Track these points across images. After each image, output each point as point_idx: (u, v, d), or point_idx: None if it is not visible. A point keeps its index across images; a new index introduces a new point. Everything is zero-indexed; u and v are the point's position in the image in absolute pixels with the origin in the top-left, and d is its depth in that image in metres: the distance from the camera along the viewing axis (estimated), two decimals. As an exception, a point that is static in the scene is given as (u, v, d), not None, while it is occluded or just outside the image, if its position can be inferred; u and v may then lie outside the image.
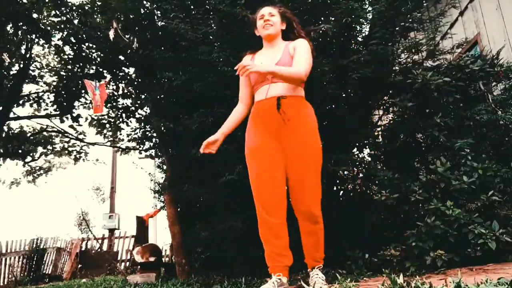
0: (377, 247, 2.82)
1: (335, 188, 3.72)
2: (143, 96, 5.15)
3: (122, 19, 4.41)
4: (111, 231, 11.20)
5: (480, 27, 5.19)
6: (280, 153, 2.16)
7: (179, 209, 4.24)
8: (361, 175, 3.62)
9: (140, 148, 5.92)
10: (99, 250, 10.15)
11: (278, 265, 2.08)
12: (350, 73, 3.19)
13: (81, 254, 9.83)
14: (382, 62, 3.30)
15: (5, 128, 8.17)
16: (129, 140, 6.79)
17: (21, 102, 8.32)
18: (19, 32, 6.86)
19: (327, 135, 3.43)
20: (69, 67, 6.85)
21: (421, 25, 3.66)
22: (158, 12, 4.23)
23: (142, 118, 5.55)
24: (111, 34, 4.15)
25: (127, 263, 9.93)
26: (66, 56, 6.83)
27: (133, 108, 6.06)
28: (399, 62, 3.72)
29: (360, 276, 2.51)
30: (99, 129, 7.79)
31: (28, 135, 8.80)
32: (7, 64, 6.34)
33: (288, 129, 2.14)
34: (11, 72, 7.42)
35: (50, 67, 8.10)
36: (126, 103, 6.22)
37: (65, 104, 7.82)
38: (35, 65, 7.93)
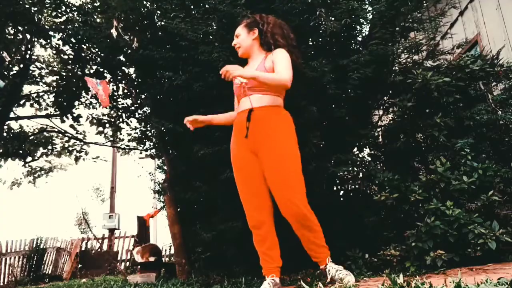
0: (377, 247, 2.82)
1: (335, 188, 3.71)
2: (143, 96, 5.15)
3: (122, 18, 4.41)
4: (111, 231, 11.20)
5: (480, 27, 5.19)
6: (255, 163, 2.23)
7: (179, 209, 4.24)
8: (361, 175, 3.62)
9: (140, 148, 5.93)
10: (99, 250, 10.16)
11: (269, 267, 2.20)
12: (350, 73, 3.18)
13: (81, 254, 9.83)
14: (382, 62, 3.30)
15: (5, 128, 8.16)
16: (129, 140, 6.80)
17: (21, 102, 8.33)
18: (19, 32, 6.86)
19: (327, 135, 3.44)
20: (69, 67, 6.85)
21: (421, 25, 3.66)
22: (158, 12, 4.23)
23: (142, 117, 5.55)
24: (114, 32, 4.15)
25: (127, 263, 9.93)
26: (66, 56, 6.83)
27: (133, 108, 6.06)
28: (399, 62, 3.72)
29: (360, 276, 2.51)
30: (100, 129, 7.80)
31: (28, 135, 8.80)
32: (7, 63, 6.33)
33: (258, 139, 2.20)
34: (11, 72, 7.42)
35: (50, 67, 8.10)
36: (126, 103, 6.22)
37: (65, 104, 7.81)
38: (35, 65, 7.93)
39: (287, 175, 2.14)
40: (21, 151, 8.77)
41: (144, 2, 4.35)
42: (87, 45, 5.86)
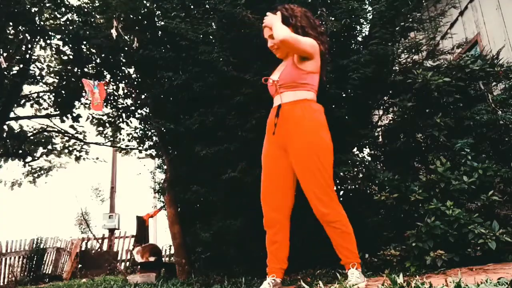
0: (377, 247, 2.82)
1: (335, 188, 3.72)
2: (143, 96, 5.16)
3: (122, 18, 4.41)
4: (111, 231, 11.19)
5: (480, 27, 5.19)
6: (283, 161, 2.21)
7: (179, 209, 4.25)
8: (361, 175, 3.62)
9: (140, 148, 5.92)
10: (99, 250, 10.15)
11: (272, 267, 2.20)
12: (350, 73, 3.19)
13: (81, 254, 9.83)
14: (382, 62, 3.30)
15: (5, 128, 8.16)
16: (129, 140, 6.79)
17: (21, 102, 8.32)
18: (19, 32, 6.86)
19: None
20: (69, 67, 6.85)
21: (421, 25, 3.66)
22: (158, 12, 4.23)
23: (142, 117, 5.55)
24: (114, 32, 4.16)
25: (127, 263, 9.93)
26: (66, 57, 6.83)
27: (133, 108, 6.06)
28: (399, 62, 3.72)
29: (360, 276, 2.51)
30: (100, 129, 7.79)
31: (28, 135, 8.79)
32: (5, 66, 6.32)
33: (284, 133, 2.19)
34: (11, 72, 7.42)
35: (50, 68, 8.10)
36: (126, 103, 6.22)
37: (65, 104, 7.81)
38: (35, 65, 7.92)
39: (312, 173, 2.12)
40: (21, 151, 8.76)
41: (144, 2, 4.35)
42: (87, 45, 5.86)
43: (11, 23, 6.57)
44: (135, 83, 5.26)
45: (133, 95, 5.59)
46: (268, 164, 2.28)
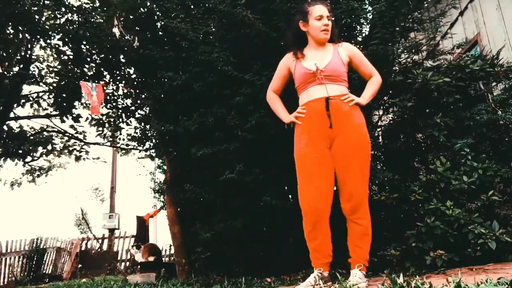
0: (377, 247, 2.82)
1: (335, 188, 3.71)
2: (143, 96, 5.16)
3: (122, 18, 4.41)
4: (111, 231, 11.19)
5: (480, 27, 5.19)
6: (328, 156, 2.22)
7: (179, 209, 4.25)
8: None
9: (140, 148, 5.93)
10: (99, 250, 10.15)
11: (317, 262, 2.22)
12: (350, 73, 3.18)
13: (81, 254, 9.83)
14: (382, 62, 3.30)
15: (5, 128, 8.16)
16: (129, 140, 6.80)
17: (21, 102, 8.32)
18: (19, 32, 6.86)
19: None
20: (69, 67, 6.85)
21: (421, 25, 3.65)
22: (158, 12, 4.23)
23: (142, 118, 5.55)
24: (116, 31, 4.16)
25: (127, 263, 9.93)
26: (66, 57, 6.83)
27: (133, 108, 6.06)
28: (399, 62, 3.72)
29: (360, 276, 2.51)
30: (99, 129, 7.79)
31: (28, 135, 8.79)
32: (2, 70, 6.32)
33: (335, 130, 2.19)
34: (11, 72, 7.42)
35: (50, 68, 8.10)
36: (126, 103, 6.22)
37: (65, 104, 7.81)
38: (35, 65, 7.93)
39: (355, 171, 2.18)
40: (21, 151, 8.77)
41: (144, 2, 4.35)
42: (87, 45, 5.86)
43: (11, 23, 6.57)
44: (135, 83, 5.26)
45: (133, 95, 5.60)
46: (315, 153, 2.21)
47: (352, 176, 2.18)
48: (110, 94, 5.95)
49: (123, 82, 5.65)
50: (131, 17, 4.41)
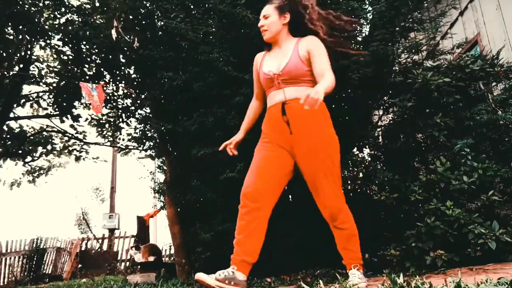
0: (377, 247, 2.82)
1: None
2: (143, 96, 5.16)
3: (122, 19, 4.41)
4: (111, 231, 11.19)
5: (480, 27, 5.19)
6: (283, 160, 2.12)
7: (179, 209, 4.24)
8: (361, 175, 3.62)
9: (140, 148, 5.93)
10: (99, 250, 10.15)
11: (234, 257, 2.06)
12: (350, 73, 3.19)
13: (81, 254, 9.82)
14: (382, 62, 3.30)
15: (5, 128, 8.16)
16: (129, 140, 6.79)
17: (21, 102, 8.33)
18: (19, 32, 6.86)
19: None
20: (69, 67, 6.85)
21: (421, 25, 3.66)
22: (158, 12, 4.23)
23: (142, 117, 5.55)
24: (114, 33, 4.16)
25: (127, 263, 9.93)
26: (66, 57, 6.83)
27: (133, 108, 6.06)
28: (399, 62, 3.72)
29: (360, 276, 2.51)
30: (99, 130, 7.79)
31: (28, 135, 8.79)
32: (3, 70, 6.34)
33: (296, 136, 2.09)
34: (11, 73, 7.42)
35: (50, 68, 8.10)
36: (126, 103, 6.22)
37: (64, 104, 7.81)
38: (35, 65, 7.93)
39: (322, 175, 2.04)
40: (21, 151, 8.77)
41: (144, 2, 4.35)
42: (87, 45, 5.86)
43: (11, 23, 6.57)
44: (135, 83, 5.26)
45: (133, 95, 5.60)
46: (268, 154, 2.13)
47: (321, 186, 2.06)
48: (110, 94, 5.94)
49: (123, 82, 5.64)
50: (131, 17, 4.41)
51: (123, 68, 5.43)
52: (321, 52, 2.12)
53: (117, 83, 5.82)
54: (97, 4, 5.55)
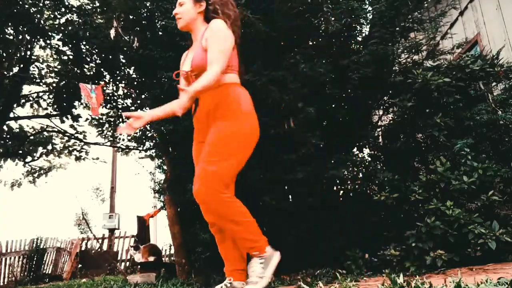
0: (377, 247, 2.82)
1: (335, 188, 3.72)
2: (143, 96, 5.15)
3: (122, 19, 4.41)
4: (111, 231, 11.19)
5: (480, 27, 5.19)
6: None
7: (179, 209, 4.24)
8: (361, 175, 3.61)
9: (140, 148, 5.93)
10: (99, 250, 10.15)
11: (226, 269, 2.00)
12: (350, 73, 3.19)
13: (81, 254, 9.82)
14: (382, 62, 3.30)
15: (5, 128, 8.17)
16: (129, 140, 6.79)
17: (21, 102, 8.33)
18: (19, 32, 6.86)
19: (327, 136, 3.44)
20: (69, 67, 6.85)
21: (421, 25, 3.66)
22: (158, 12, 4.23)
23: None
24: (112, 33, 4.16)
25: (127, 263, 9.93)
26: (66, 57, 6.83)
27: (133, 108, 6.05)
28: (399, 62, 3.72)
29: (360, 276, 2.51)
30: (99, 129, 7.79)
31: (28, 135, 8.80)
32: (3, 70, 6.34)
33: (203, 123, 2.02)
34: (11, 73, 7.43)
35: (50, 68, 8.11)
36: (126, 103, 6.22)
37: (65, 104, 7.82)
38: (35, 65, 7.94)
39: (209, 153, 1.92)
40: (21, 151, 8.77)
41: (144, 2, 4.35)
42: (87, 45, 5.86)
43: (11, 23, 6.57)
44: (135, 83, 5.26)
45: (133, 95, 5.60)
46: (195, 151, 2.17)
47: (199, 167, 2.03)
48: (110, 94, 5.94)
49: (123, 82, 5.64)
50: (131, 17, 4.41)
51: (123, 68, 5.43)
52: (213, 40, 1.87)
53: (117, 83, 5.82)
54: (97, 4, 5.55)
